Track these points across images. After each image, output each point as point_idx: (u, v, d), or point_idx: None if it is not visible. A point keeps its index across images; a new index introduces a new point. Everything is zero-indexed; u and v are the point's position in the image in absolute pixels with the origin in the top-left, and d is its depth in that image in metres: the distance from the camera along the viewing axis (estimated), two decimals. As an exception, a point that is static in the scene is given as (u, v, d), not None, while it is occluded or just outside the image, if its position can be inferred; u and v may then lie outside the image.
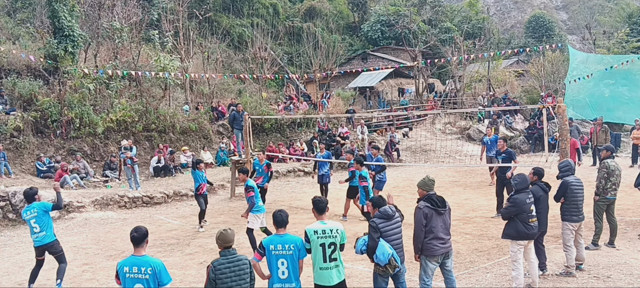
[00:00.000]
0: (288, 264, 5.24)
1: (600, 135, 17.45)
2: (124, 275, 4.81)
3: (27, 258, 9.92)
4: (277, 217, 5.41)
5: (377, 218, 5.93)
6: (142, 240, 4.93)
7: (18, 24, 26.69)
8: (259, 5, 39.13)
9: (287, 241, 5.29)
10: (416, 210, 6.14)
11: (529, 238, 6.75)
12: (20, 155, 16.49)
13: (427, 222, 6.03)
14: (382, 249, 5.73)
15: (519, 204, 6.66)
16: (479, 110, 25.01)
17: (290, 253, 5.24)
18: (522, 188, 6.73)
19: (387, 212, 5.96)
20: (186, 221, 12.56)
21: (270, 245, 5.29)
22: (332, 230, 5.41)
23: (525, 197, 6.68)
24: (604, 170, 8.57)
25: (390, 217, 5.96)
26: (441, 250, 6.09)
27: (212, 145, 20.98)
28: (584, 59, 19.99)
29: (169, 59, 20.22)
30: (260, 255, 5.35)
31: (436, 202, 6.09)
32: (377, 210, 6.03)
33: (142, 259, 4.87)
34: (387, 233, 5.89)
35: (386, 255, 5.71)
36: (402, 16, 42.44)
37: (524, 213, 6.65)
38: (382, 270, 5.77)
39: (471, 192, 14.62)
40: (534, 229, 6.73)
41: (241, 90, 28.21)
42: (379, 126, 25.67)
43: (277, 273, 5.26)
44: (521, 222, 6.67)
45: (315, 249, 5.34)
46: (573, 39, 51.84)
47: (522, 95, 29.48)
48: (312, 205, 5.64)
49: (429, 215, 6.04)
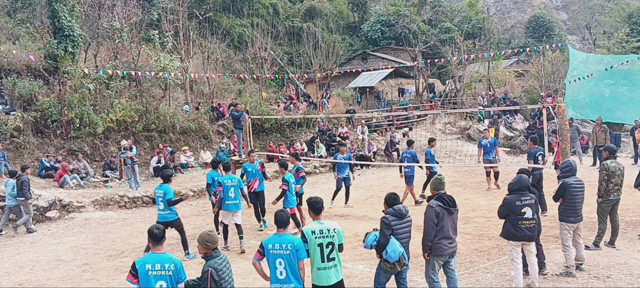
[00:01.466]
0: (285, 264, 5.24)
1: (600, 135, 17.44)
2: (145, 272, 4.76)
3: (27, 258, 9.93)
4: (278, 217, 5.41)
5: (390, 216, 5.97)
6: (162, 238, 4.97)
7: (18, 24, 26.69)
8: (259, 5, 39.13)
9: (285, 241, 5.29)
10: (428, 208, 6.16)
11: (520, 240, 6.69)
12: (20, 155, 16.49)
13: (438, 221, 6.05)
14: (393, 246, 5.81)
15: (507, 205, 6.66)
16: (479, 110, 25.01)
17: (287, 253, 5.23)
18: (516, 189, 6.70)
19: (401, 211, 6.02)
20: (186, 221, 12.53)
21: (269, 244, 5.31)
22: (330, 229, 5.41)
23: (516, 198, 6.63)
24: (604, 173, 8.51)
25: (402, 215, 6.01)
26: (449, 249, 6.14)
27: (212, 145, 20.98)
28: (584, 59, 19.97)
29: (169, 59, 20.20)
30: (260, 254, 5.36)
31: (447, 202, 6.13)
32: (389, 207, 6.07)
33: (164, 256, 4.90)
34: (398, 231, 5.95)
35: (397, 253, 5.78)
36: (402, 16, 42.44)
37: (513, 215, 6.62)
38: (390, 266, 5.84)
39: (471, 192, 14.62)
40: (524, 232, 6.63)
41: (241, 90, 28.21)
42: (379, 126, 25.67)
43: (275, 273, 5.27)
44: (511, 223, 6.66)
45: (314, 249, 5.34)
46: (573, 39, 51.87)
47: (522, 95, 29.49)
48: (309, 207, 5.63)
49: (440, 214, 6.08)
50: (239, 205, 9.77)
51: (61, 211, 13.34)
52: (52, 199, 13.32)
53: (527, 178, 6.83)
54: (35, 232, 12.05)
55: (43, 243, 11.06)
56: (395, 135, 21.82)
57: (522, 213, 6.60)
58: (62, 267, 9.23)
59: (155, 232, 4.93)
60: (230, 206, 9.64)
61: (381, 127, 25.57)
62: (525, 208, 6.60)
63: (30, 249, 10.61)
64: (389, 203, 6.10)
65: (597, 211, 8.65)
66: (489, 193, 14.15)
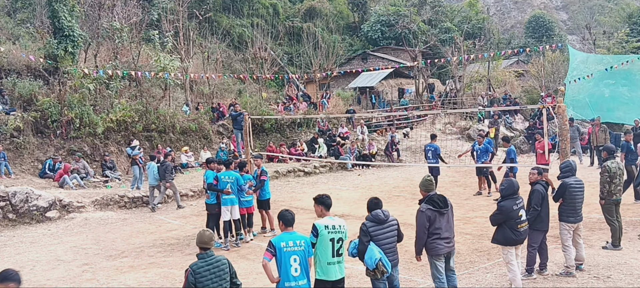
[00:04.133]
0: (300, 260, 5.26)
1: (600, 135, 17.42)
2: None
3: (27, 258, 9.92)
4: (286, 216, 5.40)
5: (368, 222, 5.87)
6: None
7: (18, 24, 26.68)
8: (259, 5, 39.11)
9: (297, 238, 5.32)
10: (418, 213, 6.11)
11: (518, 244, 6.71)
12: (20, 155, 16.48)
13: (430, 225, 6.01)
14: (370, 253, 5.68)
15: (505, 211, 6.61)
16: (479, 110, 25.01)
17: (301, 249, 5.27)
18: (508, 194, 6.65)
19: (379, 216, 5.86)
20: (186, 221, 12.56)
21: (281, 242, 5.25)
22: (341, 225, 5.51)
23: (512, 203, 6.61)
24: (606, 175, 8.48)
25: (382, 221, 5.86)
26: (446, 249, 6.11)
27: (212, 145, 20.98)
28: (584, 59, 19.98)
29: (169, 59, 20.20)
30: (271, 254, 5.24)
31: (438, 203, 6.07)
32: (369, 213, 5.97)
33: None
34: (379, 237, 5.81)
35: (374, 259, 5.64)
36: (402, 16, 42.42)
37: (512, 220, 6.60)
38: (372, 273, 5.72)
39: (471, 192, 14.61)
40: (522, 235, 6.67)
41: (241, 90, 28.20)
42: (379, 126, 25.68)
43: (290, 270, 5.21)
44: (509, 229, 6.63)
45: (325, 244, 5.36)
46: (573, 39, 51.84)
47: (522, 95, 29.48)
48: (318, 203, 5.62)
49: (432, 217, 6.02)
50: (235, 200, 10.02)
51: (61, 211, 13.33)
52: (52, 199, 13.32)
53: (517, 182, 6.82)
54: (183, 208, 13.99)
55: (43, 243, 11.06)
56: (396, 135, 21.84)
57: (519, 216, 6.60)
58: (62, 267, 9.23)
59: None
60: (227, 201, 9.93)
61: (381, 127, 25.57)
62: (521, 211, 6.63)
63: (30, 249, 10.61)
64: (369, 207, 5.98)
65: (604, 213, 8.64)
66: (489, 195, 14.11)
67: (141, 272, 8.76)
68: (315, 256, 5.46)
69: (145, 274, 8.62)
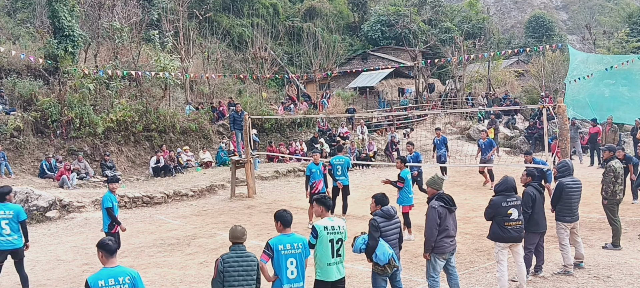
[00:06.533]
0: (297, 263, 5.25)
1: (609, 135, 17.29)
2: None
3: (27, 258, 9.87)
4: (284, 217, 5.35)
5: (378, 217, 5.90)
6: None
7: (18, 24, 26.68)
8: (259, 5, 39.10)
9: (296, 240, 5.30)
10: (429, 209, 6.14)
11: (506, 241, 6.66)
12: (20, 155, 16.49)
13: (441, 221, 6.04)
14: (382, 249, 5.72)
15: (493, 206, 6.65)
16: (478, 110, 25.01)
17: (299, 252, 5.26)
18: (501, 190, 6.68)
19: (389, 212, 5.95)
20: (186, 221, 12.55)
21: (279, 245, 5.23)
22: (340, 226, 5.50)
23: (502, 200, 6.60)
24: (611, 175, 8.46)
25: (391, 216, 5.95)
26: (450, 247, 6.16)
27: (212, 145, 20.99)
28: (584, 58, 19.97)
29: (169, 59, 20.20)
30: (267, 256, 5.23)
31: (447, 201, 6.13)
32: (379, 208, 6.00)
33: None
34: (387, 232, 5.88)
35: (387, 255, 5.69)
36: (402, 16, 42.42)
37: (500, 216, 6.60)
38: (381, 269, 5.74)
39: (471, 192, 14.62)
40: (510, 233, 6.59)
41: (241, 90, 28.21)
42: (379, 126, 25.68)
43: (286, 273, 5.21)
44: (497, 225, 6.65)
45: (324, 245, 5.37)
46: (573, 39, 51.84)
47: (522, 95, 29.47)
48: (319, 204, 5.61)
49: (443, 214, 6.07)
50: None
51: (61, 211, 13.32)
52: (52, 199, 13.31)
53: (513, 179, 6.80)
54: None
55: (43, 243, 11.06)
56: (396, 135, 21.83)
57: (508, 214, 6.57)
58: (62, 267, 9.23)
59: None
60: None
61: (381, 127, 25.57)
62: (511, 209, 6.57)
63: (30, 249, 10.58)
64: (378, 202, 6.01)
65: (606, 213, 8.62)
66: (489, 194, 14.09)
67: (141, 272, 8.70)
68: (315, 257, 5.46)
69: (145, 274, 8.61)
